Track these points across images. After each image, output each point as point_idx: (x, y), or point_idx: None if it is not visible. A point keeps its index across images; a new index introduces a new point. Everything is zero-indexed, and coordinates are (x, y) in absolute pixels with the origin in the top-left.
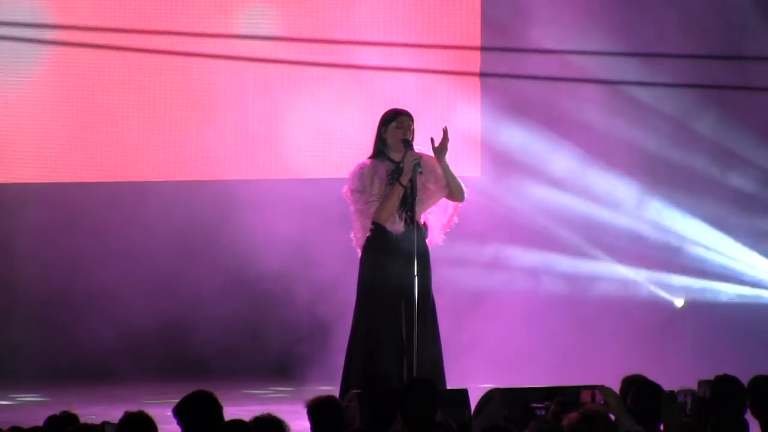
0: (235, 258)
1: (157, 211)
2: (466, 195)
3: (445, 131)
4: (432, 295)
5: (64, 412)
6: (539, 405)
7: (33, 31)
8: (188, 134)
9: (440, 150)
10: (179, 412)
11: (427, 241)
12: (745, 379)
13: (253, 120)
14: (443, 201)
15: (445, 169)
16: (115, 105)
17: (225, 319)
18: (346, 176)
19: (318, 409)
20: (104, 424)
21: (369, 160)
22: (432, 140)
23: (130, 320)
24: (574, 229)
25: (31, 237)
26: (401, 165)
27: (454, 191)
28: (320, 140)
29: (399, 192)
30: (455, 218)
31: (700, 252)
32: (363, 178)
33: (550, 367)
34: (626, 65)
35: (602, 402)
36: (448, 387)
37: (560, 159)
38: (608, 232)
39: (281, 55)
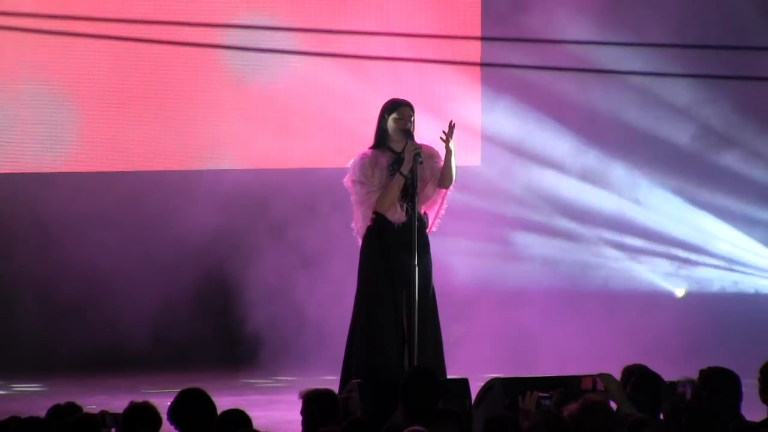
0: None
1: (160, 202)
2: (454, 181)
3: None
4: (432, 284)
5: (69, 402)
6: (545, 395)
7: None
8: (186, 126)
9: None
10: (173, 417)
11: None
12: (750, 370)
13: (255, 111)
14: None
15: (450, 152)
16: (122, 96)
17: (226, 310)
18: (348, 165)
19: (312, 401)
20: (103, 413)
21: (370, 151)
22: (444, 132)
23: (131, 311)
24: (574, 218)
25: (30, 228)
26: (402, 155)
27: (445, 176)
28: (322, 131)
29: (400, 182)
30: (444, 205)
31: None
32: (364, 168)
33: (550, 357)
34: (627, 54)
35: (603, 389)
36: (449, 377)
37: (561, 148)
38: (609, 221)
39: (279, 45)
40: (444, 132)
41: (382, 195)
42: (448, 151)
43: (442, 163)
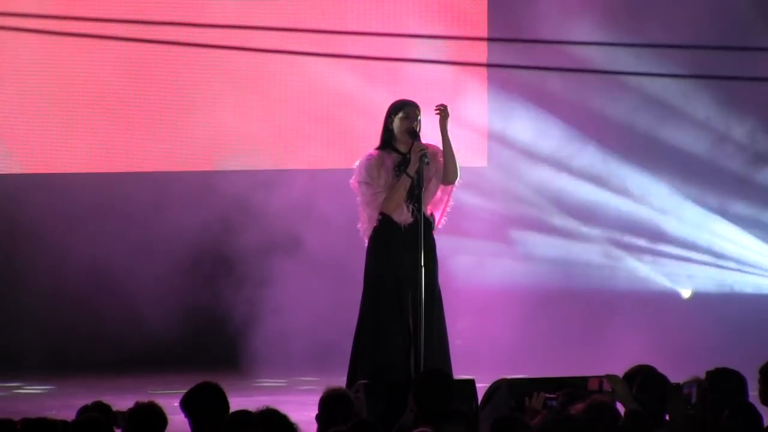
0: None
1: (170, 202)
2: (459, 177)
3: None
4: (438, 285)
5: (96, 402)
6: (551, 396)
7: None
8: (187, 127)
9: (441, 119)
10: (186, 405)
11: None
12: (754, 371)
13: (257, 111)
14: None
15: (446, 137)
16: (120, 96)
17: (231, 311)
18: (354, 167)
19: (329, 400)
20: (116, 413)
21: (376, 151)
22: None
23: (138, 311)
24: (580, 219)
25: (39, 227)
26: (408, 156)
27: (449, 170)
28: (328, 131)
29: (406, 183)
30: (450, 202)
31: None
32: (370, 169)
33: (556, 358)
34: (632, 56)
35: (610, 390)
36: (455, 377)
37: (567, 148)
38: (615, 223)
39: (285, 46)
40: (438, 110)
41: (388, 196)
42: (444, 137)
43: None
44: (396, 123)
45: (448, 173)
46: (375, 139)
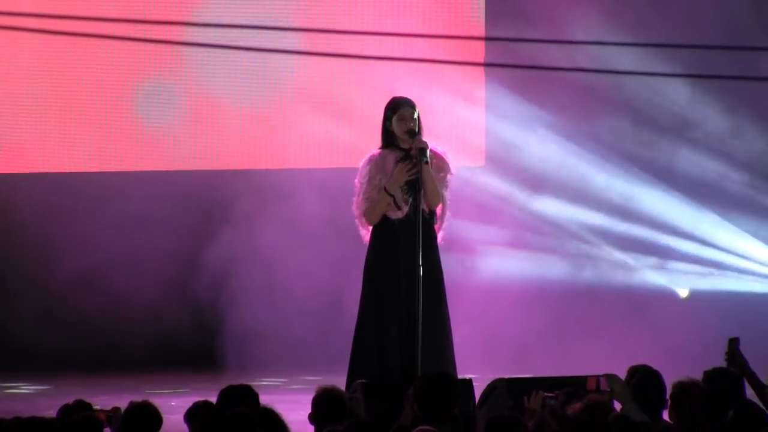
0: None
1: (165, 201)
2: (444, 201)
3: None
4: (441, 281)
5: (78, 400)
6: (550, 395)
7: None
8: (175, 125)
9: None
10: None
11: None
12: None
13: (257, 111)
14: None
15: (427, 173)
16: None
17: (226, 312)
18: (360, 164)
19: (322, 400)
20: (110, 412)
21: (378, 151)
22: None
23: (135, 312)
24: (578, 219)
25: (34, 227)
26: (411, 152)
27: (428, 196)
28: (325, 130)
29: (385, 199)
30: (447, 214)
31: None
32: (370, 170)
33: (554, 358)
34: (632, 56)
35: (608, 389)
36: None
37: (564, 149)
38: (612, 221)
39: (285, 45)
40: (417, 148)
41: (369, 209)
42: (426, 171)
43: (449, 176)
44: (394, 124)
45: (428, 198)
46: (371, 138)
